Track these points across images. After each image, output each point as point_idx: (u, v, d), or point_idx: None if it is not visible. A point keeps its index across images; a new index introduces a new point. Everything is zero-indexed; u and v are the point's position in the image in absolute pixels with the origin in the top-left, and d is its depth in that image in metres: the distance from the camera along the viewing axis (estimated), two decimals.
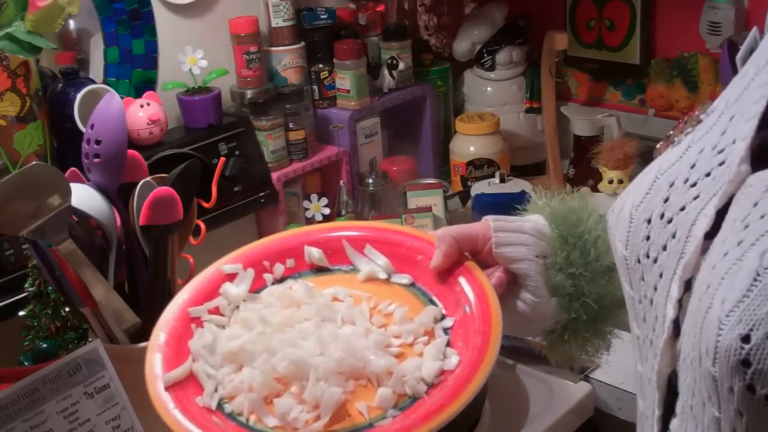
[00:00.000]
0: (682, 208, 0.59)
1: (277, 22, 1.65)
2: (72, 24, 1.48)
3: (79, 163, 1.10)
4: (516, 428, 1.17)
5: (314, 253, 0.86)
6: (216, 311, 0.85)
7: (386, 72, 1.75)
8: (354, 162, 1.71)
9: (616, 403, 1.23)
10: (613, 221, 0.66)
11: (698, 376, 0.55)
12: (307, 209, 1.58)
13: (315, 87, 1.71)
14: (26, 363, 1.15)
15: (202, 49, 1.51)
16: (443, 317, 0.79)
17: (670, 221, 0.60)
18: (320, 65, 1.70)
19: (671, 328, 0.58)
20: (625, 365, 1.27)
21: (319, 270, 0.86)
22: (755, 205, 0.54)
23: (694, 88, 1.72)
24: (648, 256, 0.61)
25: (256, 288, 0.86)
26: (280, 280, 0.86)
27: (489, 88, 1.93)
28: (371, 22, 1.81)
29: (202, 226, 1.21)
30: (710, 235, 0.56)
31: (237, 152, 1.53)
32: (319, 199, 1.58)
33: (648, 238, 0.61)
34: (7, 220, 0.98)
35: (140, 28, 1.51)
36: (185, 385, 0.76)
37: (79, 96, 1.32)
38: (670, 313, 0.58)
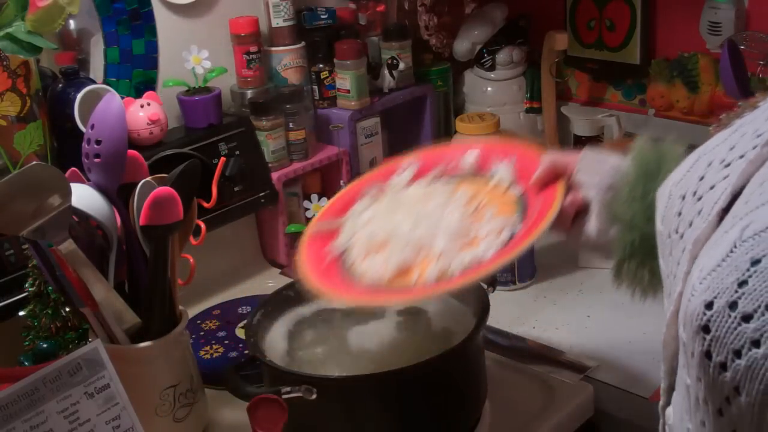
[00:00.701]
0: (712, 187, 0.60)
1: (277, 22, 1.65)
2: (72, 24, 1.48)
3: (79, 163, 1.10)
4: (516, 428, 1.17)
5: (469, 158, 1.08)
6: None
7: (386, 72, 1.75)
8: (354, 162, 1.71)
9: (616, 403, 1.23)
10: (657, 196, 0.69)
11: (681, 345, 0.57)
12: (307, 209, 1.58)
13: (315, 87, 1.71)
14: (26, 363, 1.15)
15: (207, 50, 1.51)
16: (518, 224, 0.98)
17: (699, 198, 0.61)
18: (320, 65, 1.70)
19: (678, 301, 0.59)
20: (625, 365, 1.28)
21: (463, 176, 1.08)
22: (761, 184, 0.56)
23: (694, 88, 1.71)
24: (677, 232, 0.62)
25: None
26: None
27: (489, 88, 1.93)
28: (371, 22, 1.81)
29: (202, 226, 1.21)
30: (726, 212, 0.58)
31: (237, 152, 1.53)
32: (319, 199, 1.57)
33: (680, 214, 0.63)
34: (7, 220, 0.98)
35: (140, 28, 1.51)
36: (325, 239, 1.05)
37: (79, 96, 1.32)
38: (679, 285, 0.59)
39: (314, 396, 1.04)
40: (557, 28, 1.85)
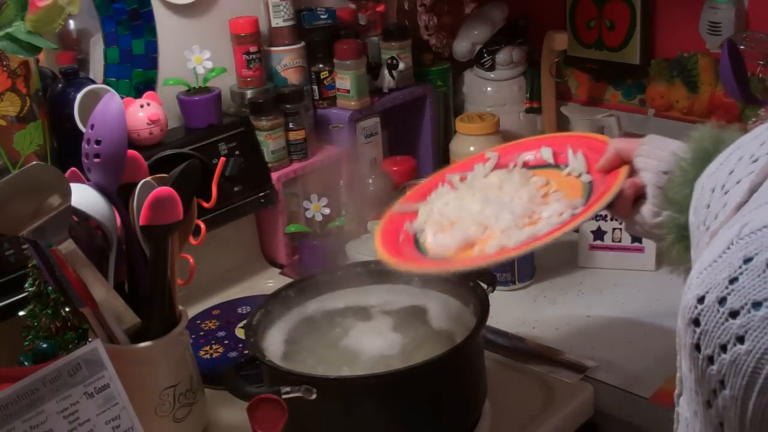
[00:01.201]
0: (738, 182, 0.61)
1: (277, 22, 1.65)
2: (72, 24, 1.48)
3: (79, 163, 1.10)
4: (516, 428, 1.17)
5: (545, 152, 1.14)
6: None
7: (386, 72, 1.75)
8: (354, 162, 1.71)
9: (616, 403, 1.23)
10: (695, 187, 0.70)
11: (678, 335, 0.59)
12: (307, 209, 1.58)
13: (315, 87, 1.71)
14: (26, 363, 1.14)
15: (209, 50, 1.51)
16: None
17: (726, 192, 0.62)
18: (320, 65, 1.70)
19: None
20: (625, 365, 1.28)
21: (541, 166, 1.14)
22: None
23: (694, 88, 1.72)
24: (704, 224, 0.63)
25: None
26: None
27: (489, 88, 1.93)
28: (371, 22, 1.81)
29: (202, 226, 1.21)
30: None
31: (237, 152, 1.53)
32: (319, 199, 1.57)
33: (708, 206, 0.64)
34: (7, 220, 0.98)
35: (140, 28, 1.51)
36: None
37: (79, 96, 1.32)
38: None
39: (314, 396, 1.04)
40: (557, 28, 1.85)
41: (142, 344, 1.10)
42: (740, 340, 0.51)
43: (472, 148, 1.77)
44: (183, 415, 1.14)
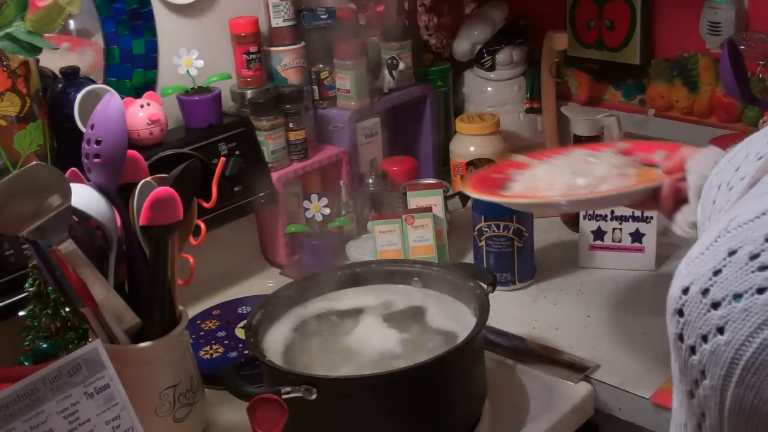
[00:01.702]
0: (743, 178, 0.62)
1: (277, 22, 1.65)
2: (72, 24, 1.48)
3: (79, 163, 1.10)
4: (516, 428, 1.17)
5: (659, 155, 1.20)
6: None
7: (386, 72, 1.75)
8: (354, 162, 1.71)
9: (616, 403, 1.23)
10: (703, 189, 0.71)
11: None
12: (307, 209, 1.58)
13: (315, 87, 1.71)
14: (26, 363, 1.14)
15: (196, 49, 1.51)
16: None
17: (731, 189, 0.63)
18: (320, 65, 1.70)
19: None
20: (625, 365, 1.28)
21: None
22: (765, 179, 0.58)
23: (694, 88, 1.72)
24: (710, 220, 0.64)
25: None
26: None
27: (489, 88, 1.93)
28: (371, 22, 1.81)
29: (202, 226, 1.21)
30: None
31: (237, 152, 1.53)
32: (319, 199, 1.57)
33: (714, 202, 0.65)
34: (7, 220, 0.98)
35: (140, 28, 1.51)
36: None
37: (79, 96, 1.32)
38: None
39: (314, 396, 1.04)
40: (557, 28, 1.85)
41: (142, 344, 1.10)
42: (720, 330, 0.52)
43: (472, 148, 1.77)
44: (183, 415, 1.14)
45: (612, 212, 1.52)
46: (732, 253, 0.53)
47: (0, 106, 1.23)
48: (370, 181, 1.71)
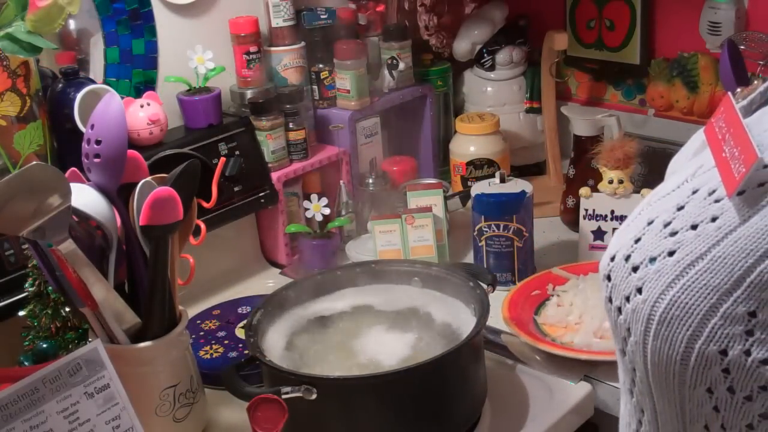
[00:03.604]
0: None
1: (277, 22, 1.65)
2: (72, 24, 1.48)
3: (79, 163, 1.10)
4: (516, 428, 1.17)
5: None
6: None
7: (386, 72, 1.75)
8: (354, 162, 1.71)
9: (616, 403, 1.23)
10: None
11: None
12: (307, 209, 1.58)
13: (315, 87, 1.71)
14: (26, 363, 1.14)
15: (211, 51, 1.51)
16: None
17: (695, 192, 0.66)
18: (320, 65, 1.70)
19: None
20: None
21: None
22: (692, 156, 0.66)
23: (694, 88, 1.71)
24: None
25: None
26: None
27: (489, 88, 1.93)
28: (371, 22, 1.81)
29: (202, 226, 1.21)
30: None
31: (237, 152, 1.53)
32: (319, 199, 1.58)
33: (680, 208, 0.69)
34: (7, 220, 0.98)
35: (140, 28, 1.51)
36: None
37: (79, 96, 1.32)
38: None
39: (314, 396, 1.04)
40: (557, 28, 1.85)
41: (142, 344, 1.10)
42: (639, 291, 0.58)
43: (472, 148, 1.77)
44: (183, 415, 1.14)
45: (612, 212, 1.52)
46: (650, 222, 0.60)
47: (0, 106, 1.22)
48: (370, 181, 1.71)
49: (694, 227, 0.56)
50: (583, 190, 1.55)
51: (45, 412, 0.93)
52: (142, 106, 1.41)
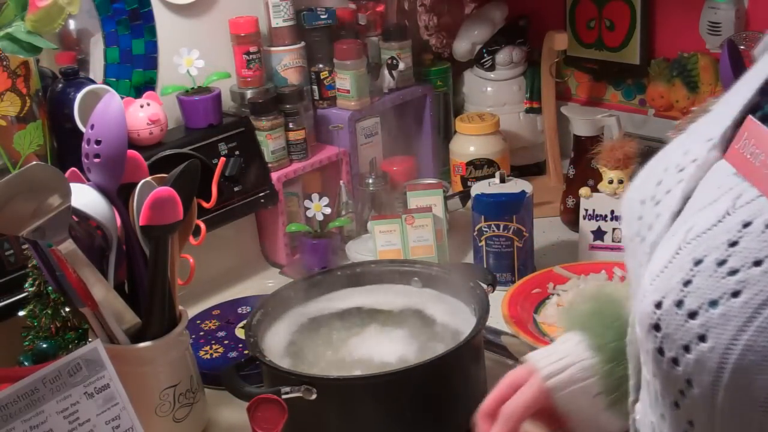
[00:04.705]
0: (668, 191, 0.63)
1: (277, 22, 1.65)
2: (72, 24, 1.48)
3: (79, 163, 1.10)
4: None
5: None
6: None
7: (386, 72, 1.75)
8: (354, 162, 1.71)
9: None
10: (623, 206, 0.70)
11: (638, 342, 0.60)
12: (308, 209, 1.58)
13: (315, 87, 1.71)
14: (26, 363, 1.15)
15: (197, 49, 1.51)
16: None
17: (658, 203, 0.64)
18: (320, 65, 1.70)
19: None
20: None
21: None
22: (705, 188, 0.59)
23: (694, 88, 1.71)
24: (639, 235, 0.65)
25: None
26: None
27: (489, 88, 1.93)
28: (371, 22, 1.81)
29: (202, 226, 1.21)
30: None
31: (237, 152, 1.53)
32: (320, 198, 1.58)
33: (640, 218, 0.65)
34: (7, 220, 0.98)
35: (140, 28, 1.51)
36: None
37: (79, 96, 1.32)
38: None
39: (314, 396, 1.04)
40: (557, 28, 1.85)
41: (142, 344, 1.10)
42: (702, 338, 0.52)
43: (472, 148, 1.77)
44: (183, 415, 1.14)
45: (612, 212, 1.52)
46: (698, 262, 0.54)
47: (0, 106, 1.22)
48: (370, 181, 1.71)
49: (757, 263, 0.52)
50: (583, 190, 1.55)
51: (45, 412, 0.93)
52: (142, 106, 1.41)
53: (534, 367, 0.88)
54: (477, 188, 1.52)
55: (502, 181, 1.52)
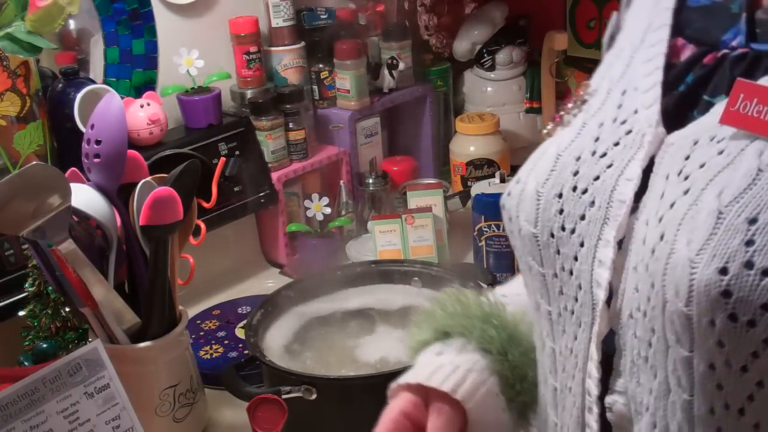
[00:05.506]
0: (596, 178, 0.63)
1: (277, 22, 1.65)
2: (72, 24, 1.48)
3: (79, 163, 1.10)
4: None
5: None
6: None
7: (386, 72, 1.75)
8: (354, 162, 1.71)
9: None
10: (514, 203, 0.68)
11: (657, 324, 0.58)
12: (308, 209, 1.58)
13: (315, 87, 1.71)
14: (26, 363, 1.15)
15: (197, 49, 1.51)
16: None
17: (585, 192, 0.63)
18: (320, 65, 1.70)
19: (608, 289, 0.61)
20: None
21: None
22: (687, 158, 0.59)
23: None
24: (564, 229, 0.64)
25: None
26: None
27: (489, 88, 1.93)
28: (371, 22, 1.81)
29: (202, 226, 1.21)
30: (637, 196, 0.61)
31: (237, 152, 1.53)
32: (320, 198, 1.58)
33: (561, 211, 0.64)
34: (7, 220, 0.98)
35: (140, 28, 1.51)
36: None
37: (79, 96, 1.32)
38: (606, 275, 0.61)
39: (314, 396, 1.04)
40: (557, 28, 1.85)
41: (142, 344, 1.10)
42: None
43: (472, 148, 1.77)
44: (183, 415, 1.14)
45: None
46: (753, 221, 0.54)
47: (0, 106, 1.23)
48: (370, 181, 1.71)
49: None
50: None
51: (45, 412, 0.93)
52: (142, 106, 1.41)
53: (426, 388, 0.76)
54: (477, 188, 1.52)
55: (502, 181, 1.52)
